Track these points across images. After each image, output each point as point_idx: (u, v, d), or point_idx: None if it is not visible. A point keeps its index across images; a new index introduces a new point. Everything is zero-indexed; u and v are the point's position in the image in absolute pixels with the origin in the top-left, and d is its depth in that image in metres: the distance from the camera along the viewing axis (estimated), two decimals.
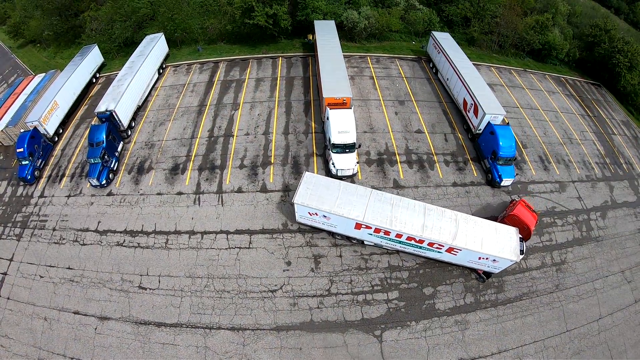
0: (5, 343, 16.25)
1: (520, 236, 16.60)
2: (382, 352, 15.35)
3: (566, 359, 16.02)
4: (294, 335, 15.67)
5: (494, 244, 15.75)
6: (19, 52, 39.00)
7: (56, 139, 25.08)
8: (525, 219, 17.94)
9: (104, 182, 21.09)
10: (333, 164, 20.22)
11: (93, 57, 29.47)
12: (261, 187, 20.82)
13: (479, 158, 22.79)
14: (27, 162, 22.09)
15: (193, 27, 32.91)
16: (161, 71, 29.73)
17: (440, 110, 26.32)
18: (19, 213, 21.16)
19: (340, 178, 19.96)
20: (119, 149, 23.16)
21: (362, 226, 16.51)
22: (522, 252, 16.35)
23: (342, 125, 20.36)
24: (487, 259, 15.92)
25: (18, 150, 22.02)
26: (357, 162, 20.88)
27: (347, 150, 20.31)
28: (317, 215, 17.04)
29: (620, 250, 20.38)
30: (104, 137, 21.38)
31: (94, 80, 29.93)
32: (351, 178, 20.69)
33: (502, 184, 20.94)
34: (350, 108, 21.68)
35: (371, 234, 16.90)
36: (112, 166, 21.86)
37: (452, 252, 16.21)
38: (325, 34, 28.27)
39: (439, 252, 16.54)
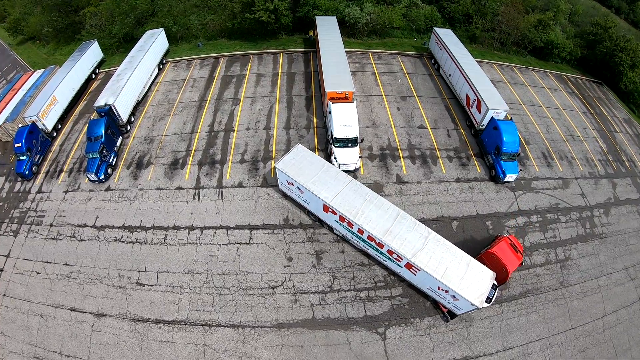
0: (0, 341, 15.92)
1: (495, 283, 14.40)
2: (386, 350, 15.05)
3: (571, 357, 15.77)
4: (295, 332, 15.37)
5: (458, 278, 14.08)
6: (18, 49, 38.78)
7: (54, 134, 24.80)
8: (505, 260, 15.42)
9: (102, 177, 20.82)
10: (335, 158, 19.96)
11: (92, 53, 29.24)
12: (262, 182, 20.56)
13: (482, 154, 22.58)
14: (25, 157, 21.82)
15: (193, 23, 32.72)
16: (161, 66, 29.49)
17: (443, 106, 26.12)
18: (16, 209, 20.86)
19: None
20: (118, 144, 22.88)
21: (330, 210, 16.42)
22: (489, 299, 14.17)
23: (344, 119, 20.11)
24: (446, 292, 14.32)
25: (16, 145, 21.75)
26: (360, 157, 20.64)
27: (349, 145, 20.07)
28: (293, 185, 17.46)
29: (624, 248, 20.16)
30: (103, 131, 21.11)
31: (94, 76, 29.70)
32: (354, 173, 20.43)
33: (505, 179, 20.73)
34: (353, 102, 21.46)
35: (337, 222, 16.66)
36: (110, 161, 21.58)
37: (411, 269, 15.05)
38: (327, 28, 28.10)
39: (398, 264, 15.46)
